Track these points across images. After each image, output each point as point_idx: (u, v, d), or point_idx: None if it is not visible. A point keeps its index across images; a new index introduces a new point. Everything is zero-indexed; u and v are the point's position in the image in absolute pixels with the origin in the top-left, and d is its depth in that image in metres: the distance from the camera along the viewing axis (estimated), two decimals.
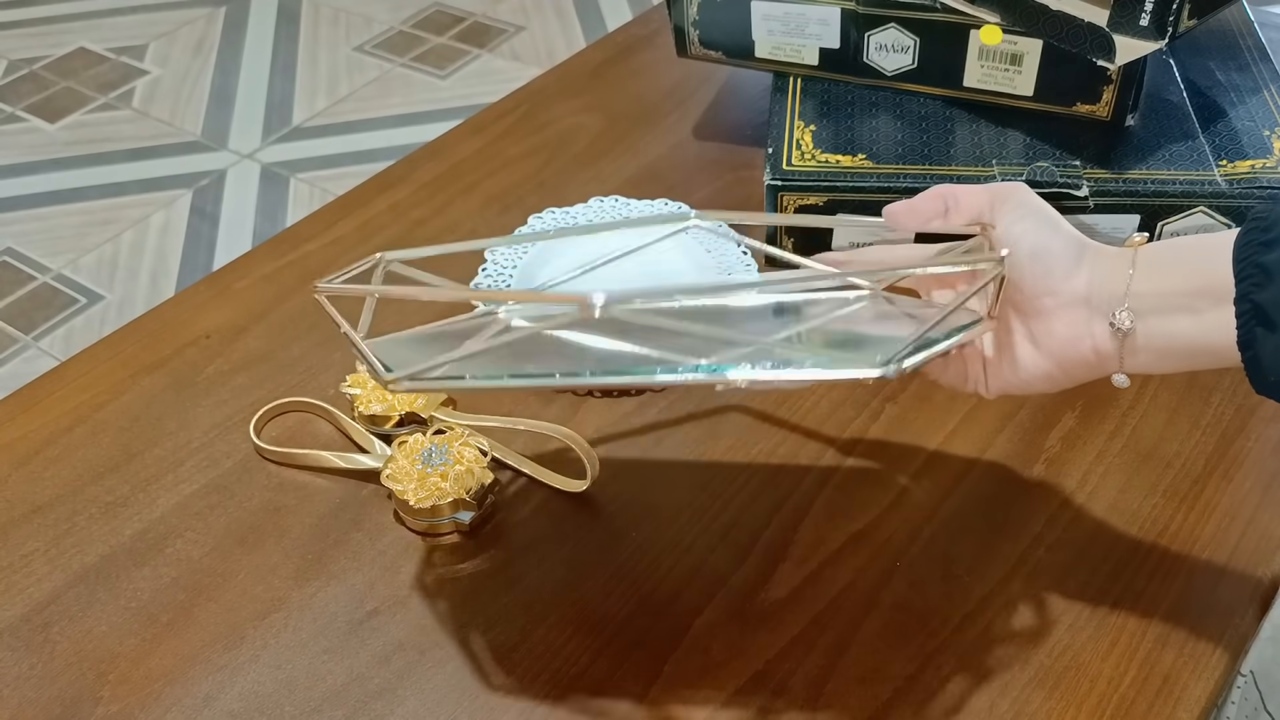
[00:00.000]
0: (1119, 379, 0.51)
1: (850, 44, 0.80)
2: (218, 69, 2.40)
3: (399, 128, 2.21)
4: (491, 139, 0.92)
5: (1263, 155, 0.74)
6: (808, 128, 0.80)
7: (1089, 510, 0.63)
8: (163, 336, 0.76)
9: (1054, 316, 0.51)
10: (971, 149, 0.77)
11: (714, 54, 0.85)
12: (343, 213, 0.86)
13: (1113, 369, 0.51)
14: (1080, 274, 0.50)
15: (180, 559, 0.63)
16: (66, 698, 0.57)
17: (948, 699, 0.55)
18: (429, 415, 0.67)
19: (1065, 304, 0.51)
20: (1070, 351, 0.51)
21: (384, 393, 0.67)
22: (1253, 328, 0.46)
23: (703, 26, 0.84)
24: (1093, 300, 0.50)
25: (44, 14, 2.60)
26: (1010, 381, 0.54)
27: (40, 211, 2.06)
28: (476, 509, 0.63)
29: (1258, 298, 0.46)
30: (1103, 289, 0.50)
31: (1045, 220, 0.52)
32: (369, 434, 0.67)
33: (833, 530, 0.62)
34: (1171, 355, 0.50)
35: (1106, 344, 0.50)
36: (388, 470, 0.64)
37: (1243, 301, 0.46)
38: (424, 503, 0.62)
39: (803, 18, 0.80)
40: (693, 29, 0.84)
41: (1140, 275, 0.49)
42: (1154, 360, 0.50)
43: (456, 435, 0.65)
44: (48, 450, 0.69)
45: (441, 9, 2.55)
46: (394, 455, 0.64)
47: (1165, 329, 0.49)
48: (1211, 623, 0.57)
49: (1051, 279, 0.50)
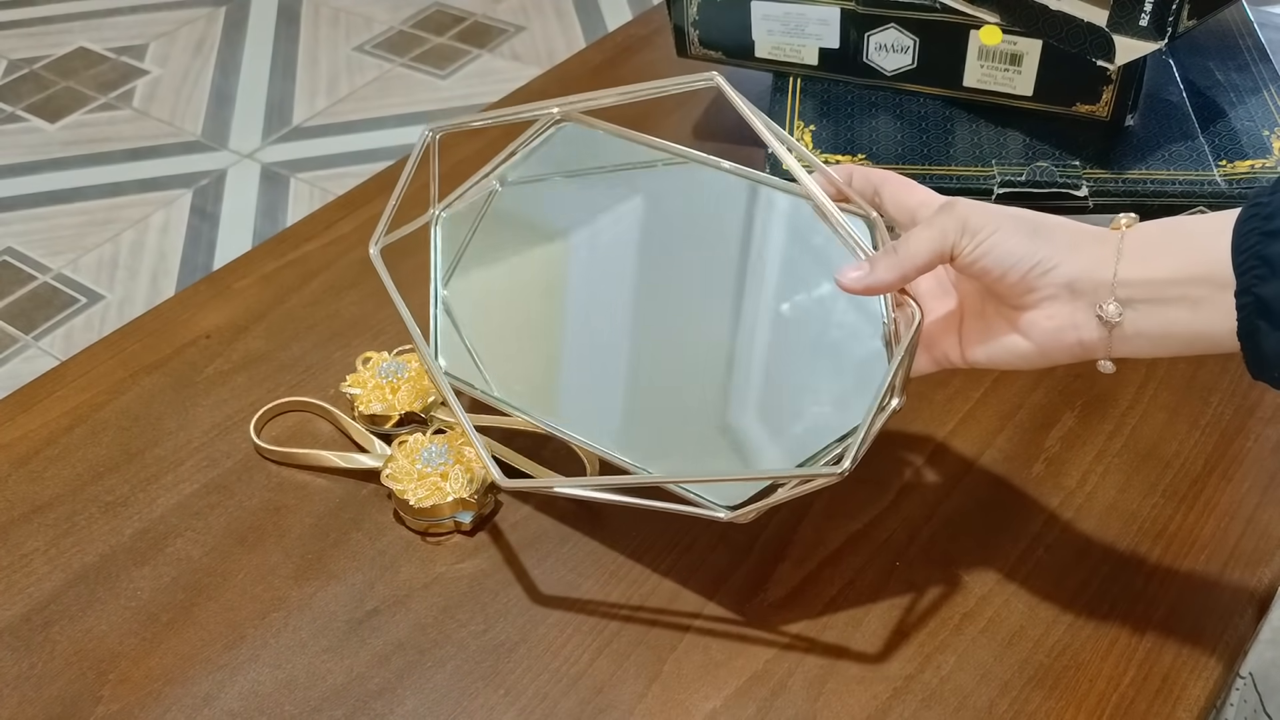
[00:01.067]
0: (1104, 365, 0.50)
1: (850, 44, 0.80)
2: (218, 69, 2.40)
3: (399, 128, 2.21)
4: (492, 139, 0.92)
5: (1262, 155, 0.74)
6: (808, 128, 0.80)
7: (1089, 510, 0.63)
8: (163, 336, 0.76)
9: (1038, 309, 0.50)
10: (971, 149, 0.77)
11: (714, 54, 0.85)
12: (343, 213, 0.86)
13: (1100, 356, 0.50)
14: (1064, 265, 0.49)
15: (180, 559, 0.63)
16: (66, 697, 0.57)
17: (948, 699, 0.55)
18: (429, 416, 0.67)
19: (1048, 297, 0.49)
20: (1055, 342, 0.50)
21: (384, 393, 0.68)
22: (1254, 320, 0.45)
23: (703, 26, 0.84)
24: (1077, 289, 0.49)
25: (44, 14, 2.60)
26: (988, 358, 0.53)
27: (40, 211, 2.06)
28: (476, 509, 0.63)
29: (1261, 291, 0.44)
30: (1088, 278, 0.48)
31: (1012, 223, 0.50)
32: (369, 434, 0.67)
33: (832, 530, 0.62)
34: (1163, 344, 0.48)
35: (1093, 335, 0.49)
36: (388, 470, 0.63)
37: (1244, 295, 0.45)
38: (424, 502, 0.62)
39: (802, 18, 0.80)
40: (693, 29, 0.84)
41: (1128, 262, 0.48)
42: (1144, 348, 0.49)
43: (457, 435, 0.65)
44: (48, 450, 0.69)
45: (441, 9, 2.56)
46: (394, 455, 0.64)
47: (1157, 318, 0.48)
48: (1211, 623, 0.57)
49: (1030, 277, 0.49)
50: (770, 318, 0.60)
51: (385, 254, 0.66)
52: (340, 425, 0.69)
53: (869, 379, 0.54)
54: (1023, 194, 0.74)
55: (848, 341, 0.57)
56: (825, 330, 0.59)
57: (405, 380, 0.68)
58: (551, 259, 0.66)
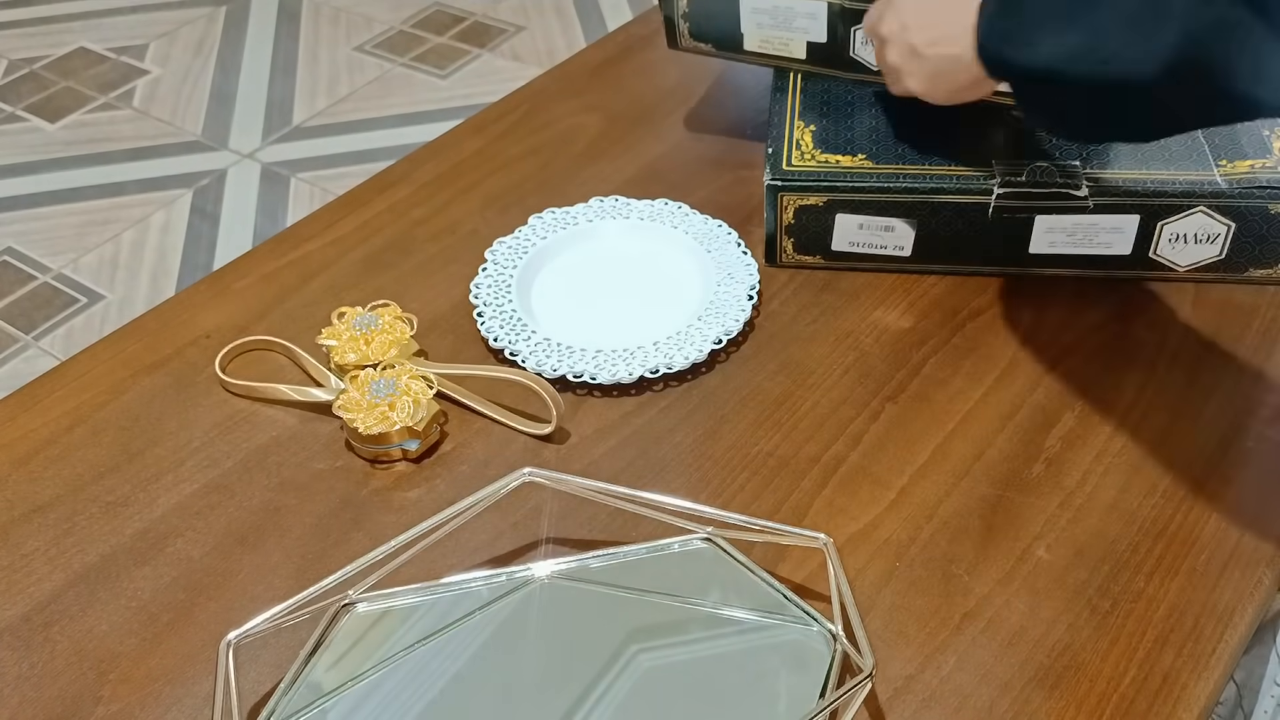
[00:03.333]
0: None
1: (837, 38, 0.80)
2: (218, 69, 2.39)
3: (399, 128, 2.21)
4: (492, 139, 0.92)
5: (1262, 155, 0.74)
6: (808, 128, 0.80)
7: (1089, 510, 0.63)
8: (163, 336, 0.76)
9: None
10: (971, 149, 0.77)
11: (704, 46, 0.85)
12: (343, 213, 0.86)
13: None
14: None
15: (180, 559, 0.63)
16: (67, 697, 0.57)
17: (948, 699, 0.55)
18: (399, 362, 0.70)
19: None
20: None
21: (359, 344, 0.71)
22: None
23: (693, 19, 0.84)
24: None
25: (44, 14, 2.60)
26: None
27: (40, 211, 2.06)
28: (422, 438, 0.66)
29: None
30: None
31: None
32: (324, 369, 0.71)
33: (833, 530, 0.62)
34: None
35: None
36: (339, 401, 0.67)
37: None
38: (372, 430, 0.65)
39: (790, 11, 0.80)
40: (683, 21, 0.84)
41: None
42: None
43: (405, 370, 0.68)
44: (48, 450, 0.69)
45: (441, 9, 2.55)
46: (346, 388, 0.68)
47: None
48: (1211, 623, 0.57)
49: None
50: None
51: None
52: (299, 362, 0.73)
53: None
54: (1023, 194, 0.74)
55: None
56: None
57: (378, 331, 0.71)
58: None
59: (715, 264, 0.77)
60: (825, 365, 0.72)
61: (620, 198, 0.83)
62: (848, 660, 0.55)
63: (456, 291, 0.78)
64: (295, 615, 0.56)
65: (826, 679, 0.54)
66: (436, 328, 0.75)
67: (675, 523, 0.60)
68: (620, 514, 0.62)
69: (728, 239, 0.79)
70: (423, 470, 0.67)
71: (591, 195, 0.84)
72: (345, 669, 0.56)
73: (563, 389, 0.70)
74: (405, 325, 0.72)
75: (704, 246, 0.78)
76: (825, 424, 0.68)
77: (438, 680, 0.55)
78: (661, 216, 0.81)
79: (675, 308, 0.75)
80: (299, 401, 0.70)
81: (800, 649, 0.56)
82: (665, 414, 0.69)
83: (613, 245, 0.80)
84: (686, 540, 0.61)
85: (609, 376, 0.70)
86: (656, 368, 0.70)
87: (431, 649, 0.57)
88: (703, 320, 0.73)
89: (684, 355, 0.71)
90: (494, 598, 0.59)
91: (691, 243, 0.79)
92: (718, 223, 0.80)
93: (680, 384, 0.71)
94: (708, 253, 0.78)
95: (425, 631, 0.57)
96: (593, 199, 0.83)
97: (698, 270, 0.78)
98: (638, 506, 0.61)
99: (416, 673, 0.56)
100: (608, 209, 0.82)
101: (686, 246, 0.79)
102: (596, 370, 0.70)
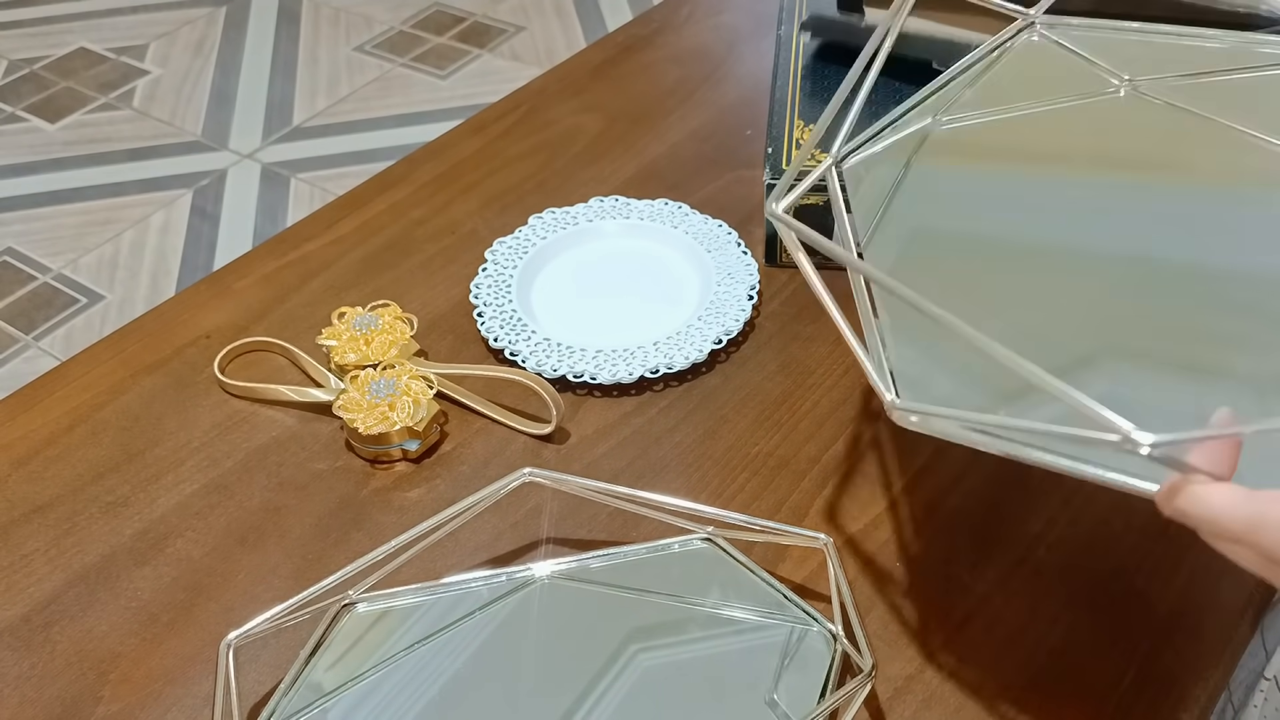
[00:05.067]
0: None
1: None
2: (218, 69, 2.40)
3: (399, 128, 2.21)
4: (491, 139, 0.92)
5: None
6: (808, 127, 0.80)
7: (1089, 510, 0.63)
8: (163, 336, 0.76)
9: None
10: None
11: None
12: (343, 213, 0.86)
13: None
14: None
15: (180, 559, 0.63)
16: (67, 697, 0.57)
17: (948, 699, 0.55)
18: (399, 362, 0.70)
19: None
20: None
21: (359, 344, 0.71)
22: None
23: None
24: None
25: (44, 14, 2.60)
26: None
27: (40, 211, 2.06)
28: (422, 438, 0.67)
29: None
30: None
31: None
32: (324, 370, 0.71)
33: (833, 530, 0.62)
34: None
35: None
36: (339, 401, 0.67)
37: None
38: (372, 430, 0.65)
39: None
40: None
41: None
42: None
43: (405, 370, 0.68)
44: (48, 450, 0.69)
45: (441, 9, 2.56)
46: (346, 388, 0.68)
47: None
48: (1211, 623, 0.57)
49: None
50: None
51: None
52: (299, 363, 0.73)
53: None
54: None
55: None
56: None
57: (378, 331, 0.71)
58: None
59: (715, 264, 0.77)
60: (825, 365, 0.72)
61: (620, 198, 0.83)
62: (848, 660, 0.55)
63: (456, 291, 0.78)
64: (295, 615, 0.56)
65: (826, 679, 0.54)
66: (436, 328, 0.75)
67: (675, 523, 0.60)
68: (620, 514, 0.62)
69: (728, 239, 0.79)
70: (423, 470, 0.67)
71: (591, 195, 0.84)
72: (345, 669, 0.56)
73: (563, 389, 0.70)
74: (405, 325, 0.72)
75: (704, 246, 0.78)
76: (825, 424, 0.68)
77: (438, 680, 0.56)
78: (661, 216, 0.81)
79: (675, 308, 0.75)
80: (299, 402, 0.70)
81: (800, 649, 0.56)
82: (665, 414, 0.69)
83: (613, 245, 0.81)
84: (686, 540, 0.61)
85: (609, 376, 0.70)
86: (656, 368, 0.70)
87: (431, 649, 0.57)
88: (703, 320, 0.73)
89: (684, 355, 0.71)
90: (494, 598, 0.59)
91: (691, 243, 0.79)
92: (718, 223, 0.80)
93: (680, 384, 0.71)
94: (708, 253, 0.78)
95: (425, 631, 0.58)
96: (593, 199, 0.83)
97: (698, 270, 0.78)
98: (638, 506, 0.61)
99: (417, 673, 0.56)
100: (608, 209, 0.82)
101: (686, 246, 0.79)
102: (596, 370, 0.70)
